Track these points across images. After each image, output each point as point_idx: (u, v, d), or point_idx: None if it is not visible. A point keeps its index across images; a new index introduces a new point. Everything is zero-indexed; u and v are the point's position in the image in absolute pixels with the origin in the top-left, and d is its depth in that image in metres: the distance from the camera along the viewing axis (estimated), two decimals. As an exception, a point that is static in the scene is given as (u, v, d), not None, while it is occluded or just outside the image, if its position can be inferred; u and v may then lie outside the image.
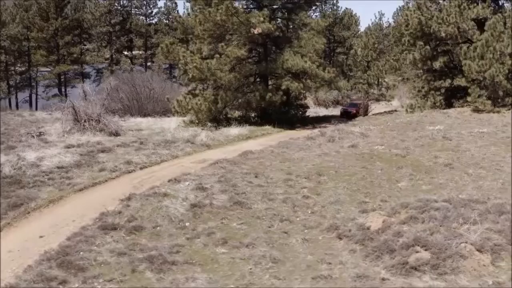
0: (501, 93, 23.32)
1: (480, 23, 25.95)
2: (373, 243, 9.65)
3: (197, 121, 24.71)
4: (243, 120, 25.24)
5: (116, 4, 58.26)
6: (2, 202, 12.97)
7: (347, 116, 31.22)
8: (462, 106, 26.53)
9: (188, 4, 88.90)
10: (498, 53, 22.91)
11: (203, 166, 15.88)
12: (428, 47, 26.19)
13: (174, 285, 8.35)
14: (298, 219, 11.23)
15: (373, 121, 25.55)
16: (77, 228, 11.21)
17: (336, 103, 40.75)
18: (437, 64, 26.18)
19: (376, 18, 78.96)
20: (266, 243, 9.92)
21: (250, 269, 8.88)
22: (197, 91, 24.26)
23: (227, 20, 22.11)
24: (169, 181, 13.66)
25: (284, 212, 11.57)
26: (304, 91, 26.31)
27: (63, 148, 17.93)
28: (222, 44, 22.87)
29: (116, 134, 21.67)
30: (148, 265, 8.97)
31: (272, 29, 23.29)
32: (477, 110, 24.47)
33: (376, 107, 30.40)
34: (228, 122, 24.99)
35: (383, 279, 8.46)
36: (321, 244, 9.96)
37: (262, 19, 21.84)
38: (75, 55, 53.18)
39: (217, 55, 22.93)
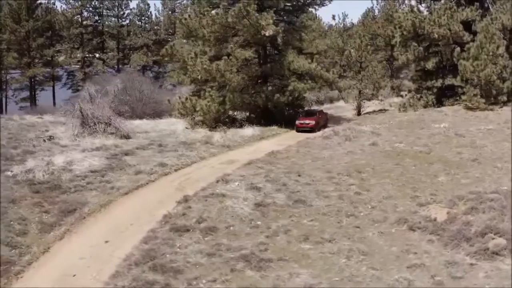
0: (494, 91, 24.81)
1: (467, 25, 27.40)
2: (446, 233, 10.25)
3: (201, 122, 24.62)
4: (248, 121, 25.37)
5: (88, 6, 56.87)
6: (51, 208, 12.64)
7: (303, 131, 23.32)
8: (453, 105, 27.84)
9: (160, 6, 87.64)
10: (491, 54, 24.37)
11: (237, 166, 16.01)
12: (421, 48, 27.41)
13: (280, 281, 8.56)
14: (361, 214, 11.66)
15: (373, 120, 26.36)
16: (141, 232, 11.13)
17: (320, 103, 41.61)
18: (429, 65, 27.43)
19: (339, 19, 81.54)
20: (345, 237, 10.29)
21: (345, 262, 9.23)
22: (204, 93, 24.16)
23: (237, 22, 22.28)
24: (217, 181, 13.75)
25: (345, 208, 11.97)
26: (308, 92, 26.83)
27: (86, 151, 17.51)
28: (232, 45, 22.99)
29: (128, 137, 21.30)
30: (245, 263, 9.12)
31: (280, 31, 23.69)
32: (469, 108, 25.79)
33: (369, 107, 31.49)
34: (233, 123, 25.05)
35: (471, 264, 9.07)
36: (397, 236, 10.44)
37: (271, 21, 22.18)
38: (46, 58, 51.35)
39: (225, 57, 23.01)
